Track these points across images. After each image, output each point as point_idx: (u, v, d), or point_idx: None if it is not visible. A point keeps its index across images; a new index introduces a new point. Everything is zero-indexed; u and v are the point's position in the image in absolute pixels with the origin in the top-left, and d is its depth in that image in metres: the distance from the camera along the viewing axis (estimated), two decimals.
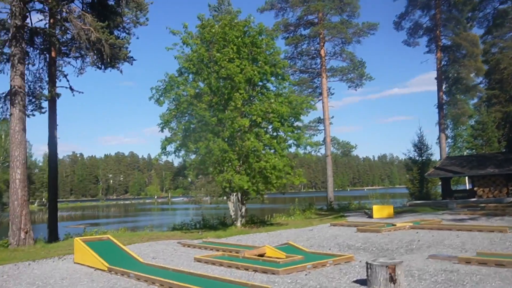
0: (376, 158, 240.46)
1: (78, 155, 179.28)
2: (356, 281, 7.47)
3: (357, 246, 11.83)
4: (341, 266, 8.98)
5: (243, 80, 17.15)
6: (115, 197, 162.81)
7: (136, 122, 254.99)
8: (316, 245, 12.31)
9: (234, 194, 18.14)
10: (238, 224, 18.34)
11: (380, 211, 20.19)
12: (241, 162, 17.50)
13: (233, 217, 18.74)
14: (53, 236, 19.69)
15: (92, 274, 9.11)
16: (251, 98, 18.35)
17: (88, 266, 9.83)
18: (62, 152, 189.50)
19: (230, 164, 17.05)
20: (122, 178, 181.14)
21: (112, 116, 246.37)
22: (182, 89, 17.48)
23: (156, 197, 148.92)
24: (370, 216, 20.39)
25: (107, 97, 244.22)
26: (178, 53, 18.43)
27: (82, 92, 23.56)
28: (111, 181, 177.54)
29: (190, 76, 18.45)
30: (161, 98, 17.66)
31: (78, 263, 10.25)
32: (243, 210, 18.81)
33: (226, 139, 17.27)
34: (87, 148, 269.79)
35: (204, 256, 10.59)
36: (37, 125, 59.27)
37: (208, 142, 16.61)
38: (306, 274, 8.24)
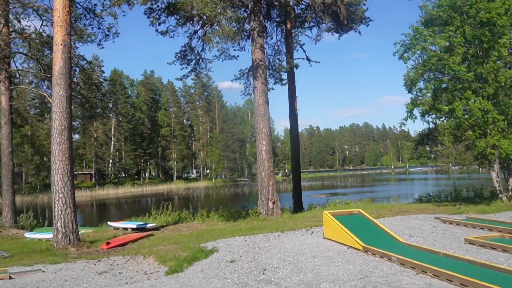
0: None
1: (314, 128, 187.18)
2: None
3: None
4: None
5: (508, 23, 13.89)
6: (351, 168, 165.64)
7: (369, 92, 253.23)
8: None
9: (498, 162, 15.15)
10: (504, 197, 15.30)
11: None
12: (506, 123, 14.35)
13: (497, 189, 15.71)
14: (297, 206, 19.90)
15: (345, 253, 8.06)
16: None
17: (340, 243, 8.82)
18: (300, 126, 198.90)
19: (493, 126, 14.13)
20: (357, 149, 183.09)
21: (345, 88, 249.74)
22: (429, 43, 15.07)
23: (393, 167, 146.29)
24: None
25: (339, 70, 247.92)
26: (423, 2, 16.04)
27: (319, 62, 23.42)
28: (347, 152, 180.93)
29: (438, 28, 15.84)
30: (406, 54, 15.54)
31: (328, 239, 9.35)
32: (511, 181, 15.60)
33: (487, 97, 14.34)
34: (322, 121, 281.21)
35: (477, 237, 8.54)
36: (276, 101, 63.31)
37: (466, 101, 13.98)
38: None
